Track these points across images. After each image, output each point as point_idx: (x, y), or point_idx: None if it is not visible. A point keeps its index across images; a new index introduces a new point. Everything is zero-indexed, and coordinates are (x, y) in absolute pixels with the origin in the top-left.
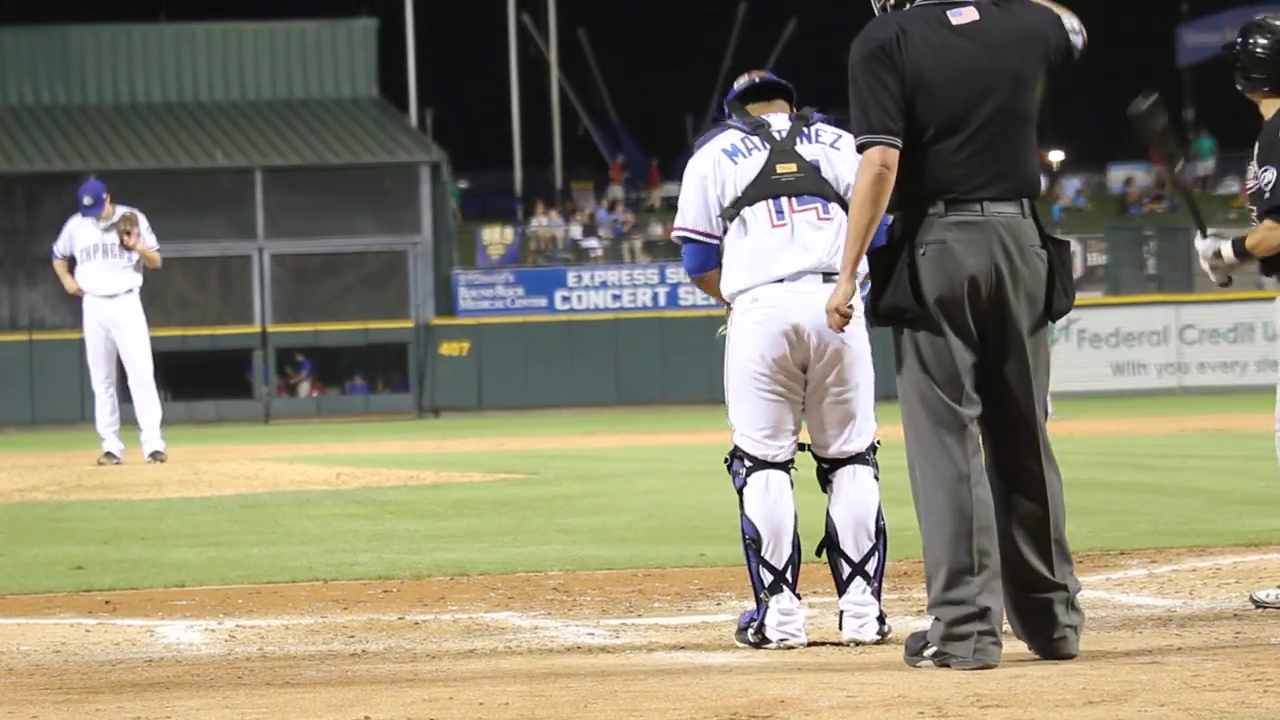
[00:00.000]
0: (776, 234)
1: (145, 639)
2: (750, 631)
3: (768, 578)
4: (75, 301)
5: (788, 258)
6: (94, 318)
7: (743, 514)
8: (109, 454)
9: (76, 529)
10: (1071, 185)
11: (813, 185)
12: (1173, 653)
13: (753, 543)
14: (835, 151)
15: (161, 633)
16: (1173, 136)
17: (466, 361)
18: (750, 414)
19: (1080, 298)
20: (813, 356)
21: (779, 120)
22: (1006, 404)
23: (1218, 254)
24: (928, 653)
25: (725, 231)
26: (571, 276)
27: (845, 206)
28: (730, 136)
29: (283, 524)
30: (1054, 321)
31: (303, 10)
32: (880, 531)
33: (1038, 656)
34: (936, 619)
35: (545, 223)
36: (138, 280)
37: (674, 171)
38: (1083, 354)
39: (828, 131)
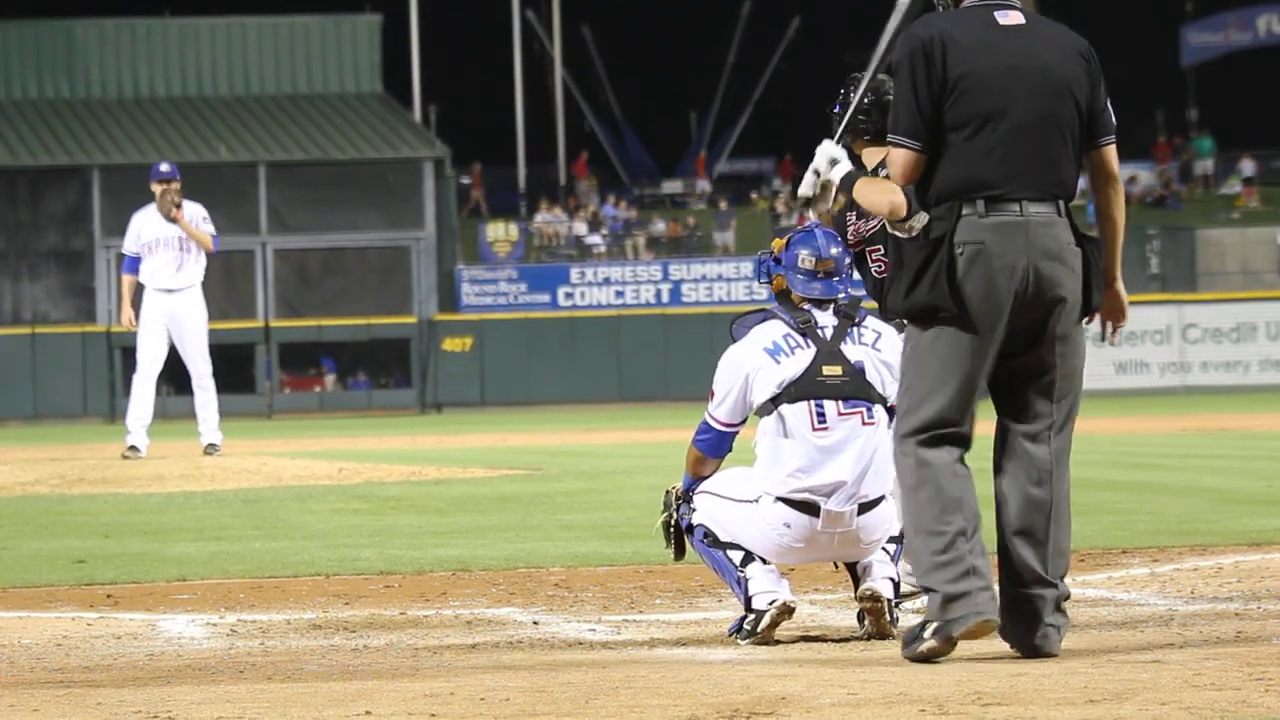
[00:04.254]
0: (818, 439)
1: (147, 633)
2: (745, 621)
3: (738, 556)
4: (78, 296)
5: (827, 468)
6: (153, 311)
7: (692, 532)
8: (133, 448)
9: (78, 523)
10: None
11: (858, 389)
12: (1174, 651)
13: (708, 537)
14: (877, 353)
15: (163, 627)
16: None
17: (469, 357)
18: (751, 539)
19: None
20: (835, 554)
21: (824, 316)
22: (1029, 401)
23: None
24: (928, 632)
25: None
26: (574, 273)
27: (888, 409)
28: (773, 331)
29: (285, 519)
30: (1087, 320)
31: (307, 5)
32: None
33: (1017, 653)
34: (931, 590)
35: (550, 218)
36: (199, 275)
37: (676, 169)
38: (1086, 353)
39: (870, 330)
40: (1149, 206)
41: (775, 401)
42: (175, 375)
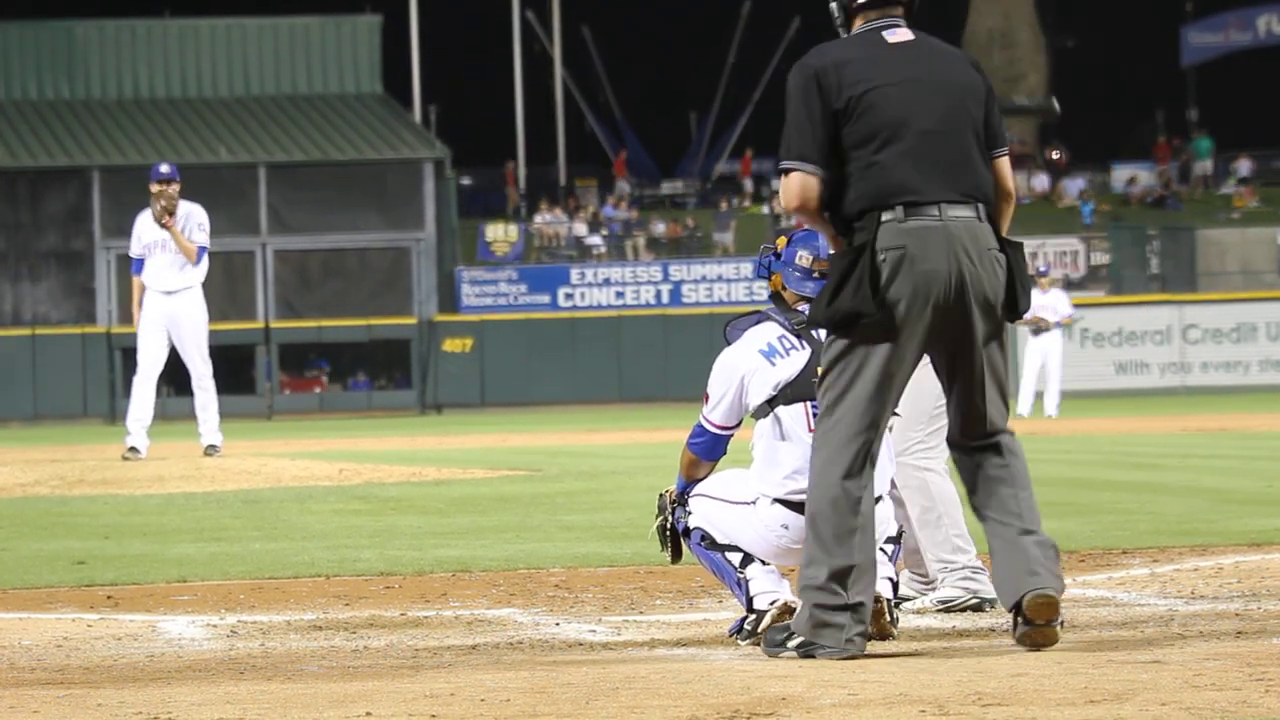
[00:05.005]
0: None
1: (147, 634)
2: (746, 621)
3: (737, 557)
4: (78, 297)
5: None
6: (153, 313)
7: (688, 535)
8: (133, 449)
9: (78, 524)
10: (1075, 185)
11: None
12: (1174, 652)
13: (705, 539)
14: None
15: (163, 628)
16: None
17: (469, 358)
18: (749, 541)
19: (1083, 297)
20: None
21: None
22: (963, 405)
23: None
24: (792, 644)
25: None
26: (574, 273)
27: None
28: (767, 333)
29: (285, 519)
30: (1013, 322)
31: (307, 6)
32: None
33: (1009, 607)
34: (810, 606)
35: (550, 219)
36: (200, 276)
37: (675, 169)
38: (1086, 353)
39: None
40: (1149, 207)
41: (771, 404)
42: (175, 376)
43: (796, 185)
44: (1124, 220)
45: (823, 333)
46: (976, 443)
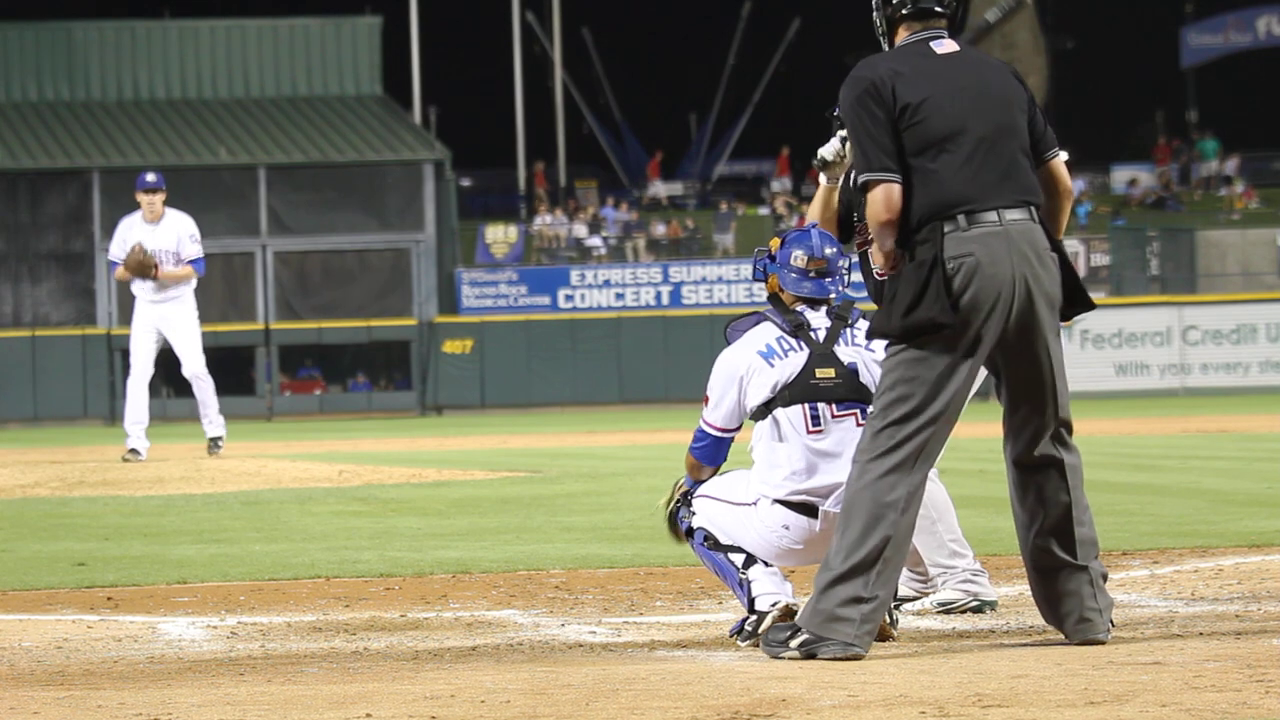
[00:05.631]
0: (813, 441)
1: (147, 635)
2: (746, 622)
3: (739, 558)
4: (78, 298)
5: (825, 470)
6: (143, 317)
7: (691, 535)
8: (133, 450)
9: (79, 525)
10: (1075, 186)
11: (851, 391)
12: (1174, 653)
13: (708, 540)
14: (870, 354)
15: (163, 629)
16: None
17: (469, 359)
18: (750, 542)
19: None
20: None
21: (817, 318)
22: (1027, 402)
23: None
24: (794, 642)
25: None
26: (575, 275)
27: None
28: (765, 334)
29: (285, 521)
30: (1075, 316)
31: (307, 7)
32: None
33: (1068, 640)
34: (823, 598)
35: (550, 220)
36: (192, 283)
37: (675, 171)
38: (1086, 354)
39: (862, 330)
40: (1149, 208)
41: (769, 405)
42: (175, 378)
43: (883, 197)
44: (1122, 219)
45: (821, 334)
46: (1032, 437)
